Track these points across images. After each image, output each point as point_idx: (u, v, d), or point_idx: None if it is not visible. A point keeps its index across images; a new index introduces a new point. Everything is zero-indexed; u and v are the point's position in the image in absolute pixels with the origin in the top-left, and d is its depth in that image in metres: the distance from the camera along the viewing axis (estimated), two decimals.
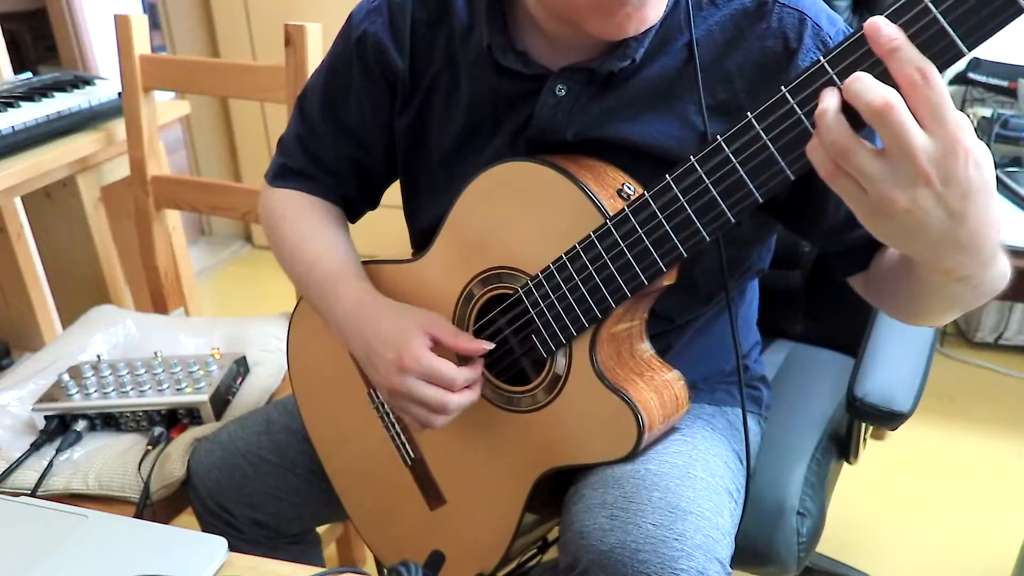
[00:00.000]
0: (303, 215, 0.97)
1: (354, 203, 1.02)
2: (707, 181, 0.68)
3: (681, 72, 0.79)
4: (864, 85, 0.54)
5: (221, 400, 1.18)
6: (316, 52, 1.28)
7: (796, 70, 0.75)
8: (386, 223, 1.28)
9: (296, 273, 0.96)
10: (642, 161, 0.79)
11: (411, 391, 0.81)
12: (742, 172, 0.66)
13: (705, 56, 0.78)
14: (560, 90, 0.81)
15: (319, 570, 0.71)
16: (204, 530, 1.04)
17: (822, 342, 1.31)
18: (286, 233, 0.97)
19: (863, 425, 1.11)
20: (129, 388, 1.15)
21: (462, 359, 0.85)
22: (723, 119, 0.77)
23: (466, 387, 0.82)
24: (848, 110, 0.57)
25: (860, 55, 0.58)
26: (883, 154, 0.55)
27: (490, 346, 0.84)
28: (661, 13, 0.77)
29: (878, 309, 1.09)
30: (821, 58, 0.60)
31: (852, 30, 0.76)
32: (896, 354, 1.02)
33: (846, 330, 1.26)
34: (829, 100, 0.57)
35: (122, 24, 1.42)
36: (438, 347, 0.83)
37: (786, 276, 1.23)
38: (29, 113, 1.42)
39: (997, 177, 0.77)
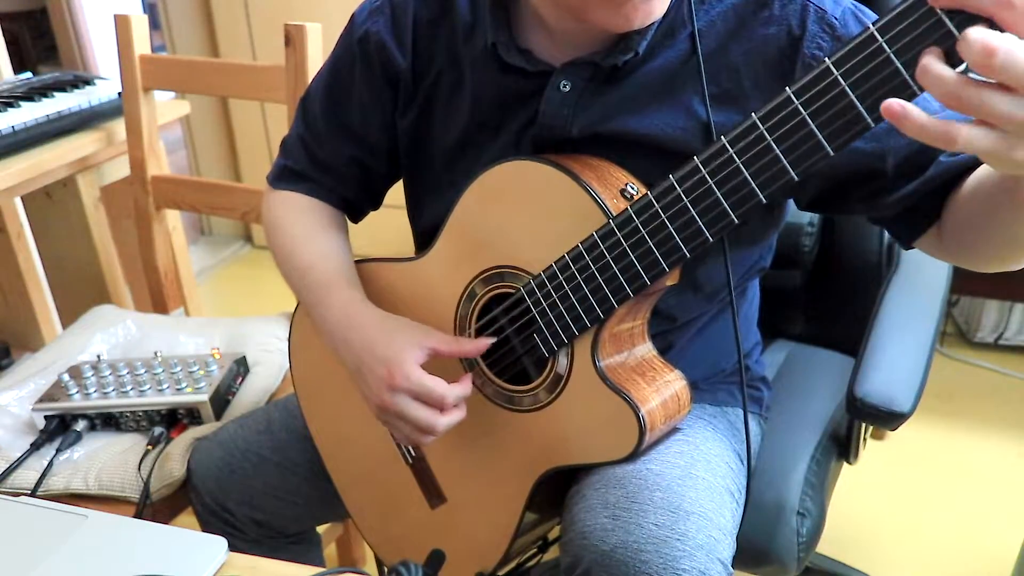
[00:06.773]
0: (299, 220, 0.97)
1: (356, 204, 1.02)
2: (711, 182, 0.68)
3: (684, 64, 0.79)
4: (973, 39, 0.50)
5: (221, 400, 1.18)
6: (316, 52, 1.28)
7: (803, 58, 0.75)
8: (387, 223, 1.28)
9: (291, 279, 0.95)
10: (648, 154, 0.79)
11: (401, 411, 0.81)
12: (746, 173, 0.66)
13: (708, 46, 0.77)
14: (564, 85, 0.81)
15: (319, 570, 0.71)
16: (204, 530, 1.04)
17: (822, 342, 1.31)
18: (282, 238, 0.97)
19: (863, 425, 1.11)
20: (129, 388, 1.15)
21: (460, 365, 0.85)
22: (728, 109, 0.77)
23: (454, 406, 0.82)
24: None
25: (865, 56, 0.58)
26: (1006, 88, 0.51)
27: (491, 340, 0.84)
28: (666, 6, 0.77)
29: (880, 305, 1.09)
30: (827, 60, 0.60)
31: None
32: (896, 354, 1.01)
33: (846, 330, 1.26)
34: (936, 65, 0.52)
35: (122, 24, 1.42)
36: (436, 358, 0.83)
37: (786, 276, 1.23)
38: (29, 113, 1.42)
39: None
